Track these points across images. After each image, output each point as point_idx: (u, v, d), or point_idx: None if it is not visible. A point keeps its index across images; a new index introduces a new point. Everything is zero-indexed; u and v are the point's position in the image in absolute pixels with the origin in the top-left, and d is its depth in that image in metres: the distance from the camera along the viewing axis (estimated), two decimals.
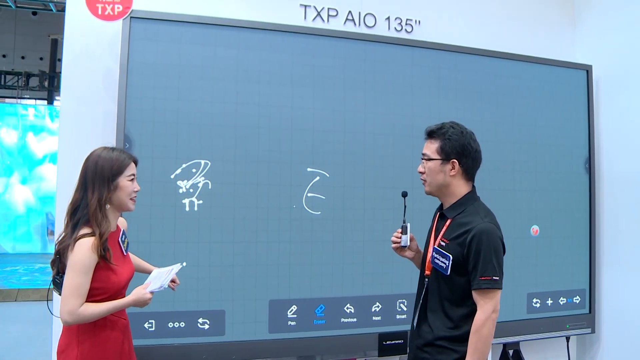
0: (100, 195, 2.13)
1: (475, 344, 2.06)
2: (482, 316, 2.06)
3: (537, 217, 3.76)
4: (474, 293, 2.09)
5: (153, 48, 3.01)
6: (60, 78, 13.30)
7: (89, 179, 2.16)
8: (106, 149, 2.24)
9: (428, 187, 2.25)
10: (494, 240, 2.09)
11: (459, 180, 2.21)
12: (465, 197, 2.21)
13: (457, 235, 2.13)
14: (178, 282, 2.42)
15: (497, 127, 3.67)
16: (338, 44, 3.34)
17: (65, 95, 3.14)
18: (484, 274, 2.06)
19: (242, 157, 3.11)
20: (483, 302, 2.07)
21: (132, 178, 2.22)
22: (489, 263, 2.06)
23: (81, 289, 2.05)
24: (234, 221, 3.08)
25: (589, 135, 3.91)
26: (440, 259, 2.18)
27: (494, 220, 2.18)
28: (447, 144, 2.17)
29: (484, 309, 2.06)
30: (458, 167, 2.18)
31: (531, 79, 3.78)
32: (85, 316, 2.06)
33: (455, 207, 2.21)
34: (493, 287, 2.06)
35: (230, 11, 3.27)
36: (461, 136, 2.19)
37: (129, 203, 2.23)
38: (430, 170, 2.21)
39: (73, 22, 3.12)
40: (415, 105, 3.47)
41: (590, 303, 3.86)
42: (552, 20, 4.15)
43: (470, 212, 2.17)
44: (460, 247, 2.11)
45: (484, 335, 2.05)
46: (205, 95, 3.07)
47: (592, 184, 3.89)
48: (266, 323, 3.12)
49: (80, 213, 2.13)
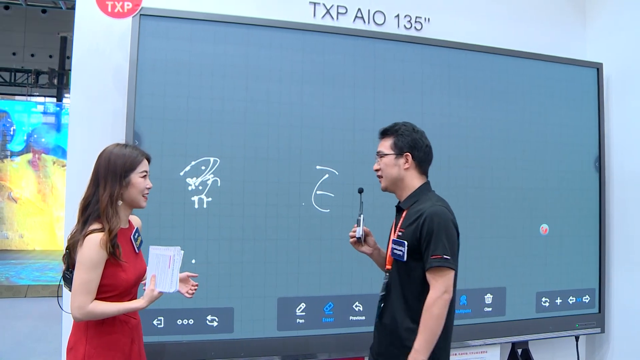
0: (112, 192, 2.13)
1: (426, 322, 2.10)
2: (433, 295, 2.11)
3: (547, 216, 3.74)
4: (427, 274, 2.16)
5: (163, 45, 3.01)
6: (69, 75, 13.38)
7: (101, 175, 2.16)
8: (119, 145, 2.24)
9: (384, 183, 2.36)
10: (445, 221, 2.18)
11: (412, 173, 2.32)
12: (419, 189, 2.32)
13: (412, 222, 2.22)
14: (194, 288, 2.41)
15: (506, 125, 3.65)
16: (347, 42, 3.33)
17: (75, 93, 3.16)
18: (434, 252, 2.13)
19: (252, 154, 3.11)
20: (434, 281, 2.13)
21: (144, 175, 2.22)
22: (439, 242, 2.13)
23: (90, 284, 2.05)
24: (243, 219, 3.09)
25: (599, 134, 3.88)
26: (397, 248, 2.27)
27: (447, 205, 2.28)
28: (400, 139, 2.31)
29: (435, 288, 2.12)
30: (411, 160, 2.30)
31: (541, 77, 3.76)
32: (95, 313, 2.06)
33: (409, 198, 2.32)
34: (443, 265, 2.11)
35: (240, 9, 3.26)
36: (412, 132, 2.33)
37: (141, 200, 2.23)
38: (385, 166, 2.33)
39: (83, 20, 3.12)
40: (425, 103, 3.46)
41: (600, 302, 3.84)
42: (562, 18, 4.12)
43: (424, 200, 2.27)
44: (414, 232, 2.20)
45: (434, 314, 2.10)
46: (215, 92, 3.07)
47: (602, 182, 3.87)
48: (275, 320, 3.12)
49: (92, 209, 2.13)
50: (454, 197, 3.43)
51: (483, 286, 3.55)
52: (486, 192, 3.58)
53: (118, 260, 2.12)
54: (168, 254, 2.14)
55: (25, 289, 8.76)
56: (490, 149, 3.60)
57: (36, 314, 7.41)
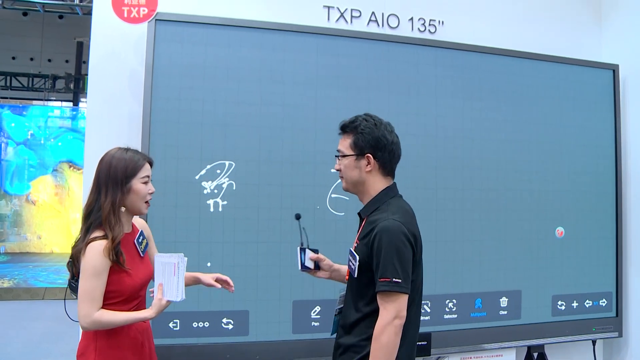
0: (113, 199, 2.09)
1: (374, 353, 1.91)
2: (382, 322, 1.91)
3: (562, 219, 3.71)
4: (377, 298, 1.95)
5: (178, 50, 3.04)
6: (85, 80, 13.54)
7: (102, 181, 2.12)
8: (120, 149, 2.19)
9: (345, 184, 2.16)
10: (396, 239, 1.94)
11: (375, 176, 2.10)
12: (381, 194, 2.10)
13: (365, 235, 2.03)
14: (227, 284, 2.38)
15: (522, 128, 3.63)
16: (361, 45, 3.34)
17: (91, 97, 3.19)
18: (383, 275, 1.92)
19: (266, 157, 3.13)
20: (383, 307, 1.93)
21: (145, 180, 2.17)
22: (388, 264, 1.92)
23: (94, 292, 2.02)
24: (258, 222, 3.10)
25: (615, 136, 3.85)
26: (351, 261, 2.08)
27: (406, 217, 2.04)
28: (360, 138, 2.08)
29: (383, 315, 1.92)
30: (374, 161, 2.07)
31: (556, 79, 3.73)
32: (102, 323, 2.03)
33: (369, 205, 2.11)
34: (392, 289, 1.91)
35: (254, 13, 3.28)
36: (375, 129, 2.08)
37: (142, 207, 2.18)
38: (345, 167, 2.11)
39: (99, 25, 3.16)
40: (439, 106, 3.45)
41: (617, 306, 3.80)
42: (577, 19, 4.09)
43: (383, 209, 2.04)
44: (366, 247, 2.01)
45: (383, 343, 1.89)
46: (230, 96, 3.09)
47: (619, 185, 3.83)
48: (290, 323, 3.13)
49: (94, 216, 2.10)
50: (468, 200, 3.45)
51: (498, 289, 3.53)
52: (501, 195, 3.56)
53: (122, 267, 2.09)
54: (172, 261, 2.10)
55: (42, 292, 8.86)
56: (505, 151, 3.58)
57: (53, 315, 7.49)
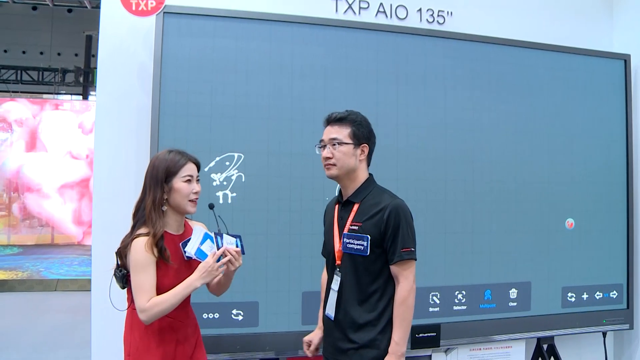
0: (154, 197, 2.20)
1: (403, 315, 2.18)
2: (407, 286, 2.20)
3: (573, 210, 3.69)
4: (394, 267, 2.21)
5: (186, 42, 3.04)
6: (94, 73, 13.57)
7: (147, 181, 2.24)
8: (167, 150, 2.29)
9: (337, 171, 2.29)
10: (409, 215, 2.25)
11: (363, 165, 2.34)
12: (368, 181, 2.33)
13: (371, 216, 2.23)
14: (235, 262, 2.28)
15: (532, 119, 3.61)
16: (370, 37, 3.33)
17: (100, 90, 3.20)
18: (404, 245, 2.19)
19: (275, 149, 3.13)
20: (405, 273, 2.20)
21: (187, 179, 2.24)
22: (407, 235, 2.21)
23: (144, 285, 2.13)
24: (268, 213, 3.11)
25: (626, 127, 3.82)
26: (355, 242, 2.25)
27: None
28: (360, 129, 2.30)
29: (408, 279, 2.20)
30: (367, 151, 2.32)
31: (567, 69, 3.70)
32: (154, 310, 2.11)
33: (360, 191, 2.31)
34: (412, 257, 2.21)
35: (262, 5, 3.27)
36: (367, 123, 2.34)
37: (187, 205, 2.25)
38: (343, 155, 2.27)
39: (108, 19, 3.17)
40: (448, 97, 3.44)
41: (628, 298, 3.78)
42: (588, 8, 4.05)
43: (377, 194, 2.29)
44: (376, 226, 2.21)
45: (410, 304, 2.19)
46: (239, 88, 3.09)
47: (630, 176, 3.80)
48: (299, 315, 3.14)
49: (140, 214, 2.23)
50: (477, 191, 3.44)
51: (508, 281, 3.52)
52: (511, 187, 3.54)
53: (167, 262, 2.18)
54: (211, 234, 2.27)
55: (55, 283, 8.94)
56: (515, 142, 3.56)
57: (65, 307, 7.56)
